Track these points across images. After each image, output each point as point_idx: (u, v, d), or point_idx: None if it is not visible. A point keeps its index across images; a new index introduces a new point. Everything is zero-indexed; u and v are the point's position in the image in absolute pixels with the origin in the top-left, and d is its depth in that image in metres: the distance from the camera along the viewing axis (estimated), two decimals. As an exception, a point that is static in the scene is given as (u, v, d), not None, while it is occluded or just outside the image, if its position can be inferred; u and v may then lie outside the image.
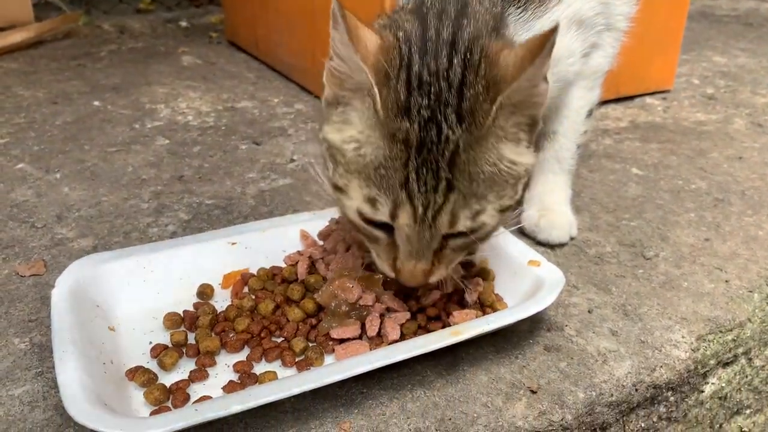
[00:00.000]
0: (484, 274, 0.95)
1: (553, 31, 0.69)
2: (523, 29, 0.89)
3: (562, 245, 1.13)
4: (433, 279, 0.82)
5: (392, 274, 0.82)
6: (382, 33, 0.79)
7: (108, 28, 2.64)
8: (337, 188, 0.80)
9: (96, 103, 1.79)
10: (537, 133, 0.81)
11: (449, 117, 0.73)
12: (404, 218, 0.76)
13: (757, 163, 1.48)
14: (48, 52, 2.28)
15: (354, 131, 0.77)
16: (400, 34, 0.78)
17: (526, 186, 0.82)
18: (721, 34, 2.72)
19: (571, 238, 1.15)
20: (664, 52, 1.88)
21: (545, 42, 0.69)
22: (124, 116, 1.70)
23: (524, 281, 0.92)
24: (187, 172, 1.39)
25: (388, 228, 0.79)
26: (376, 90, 0.74)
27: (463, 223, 0.76)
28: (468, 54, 0.76)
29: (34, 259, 1.06)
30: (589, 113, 1.15)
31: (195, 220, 1.19)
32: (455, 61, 0.76)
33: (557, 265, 0.94)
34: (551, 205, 1.16)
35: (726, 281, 1.04)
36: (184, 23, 2.76)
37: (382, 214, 0.76)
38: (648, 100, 1.91)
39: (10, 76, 2.00)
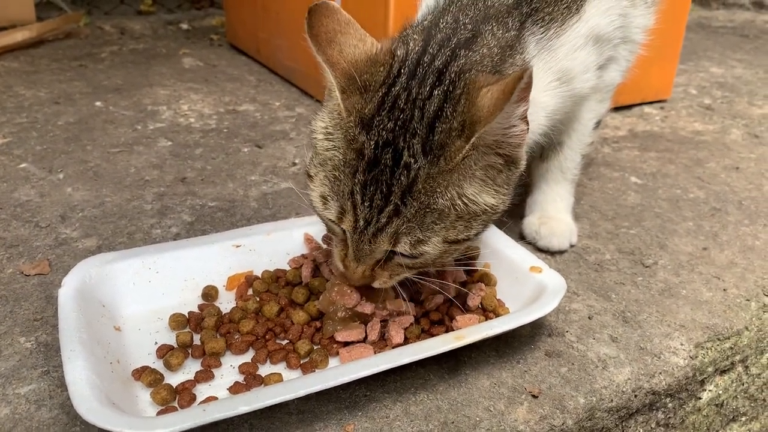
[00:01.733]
0: (487, 280, 0.96)
1: (524, 72, 0.68)
2: (544, 49, 0.90)
3: (562, 252, 1.15)
4: (376, 284, 0.84)
5: (341, 268, 0.84)
6: (384, 44, 0.80)
7: (109, 29, 2.64)
8: (308, 175, 0.82)
9: (98, 103, 1.79)
10: (516, 174, 0.81)
11: (413, 146, 0.74)
12: (347, 225, 0.78)
13: (753, 174, 1.50)
14: (49, 52, 2.28)
15: (324, 123, 0.80)
16: (400, 52, 0.80)
17: (487, 225, 0.82)
18: (718, 45, 2.75)
19: (571, 246, 1.16)
20: (663, 61, 1.90)
21: (514, 85, 0.68)
22: (126, 117, 1.70)
23: (526, 287, 0.93)
24: (189, 174, 1.39)
25: None
26: (338, 94, 0.76)
27: (403, 248, 0.77)
28: (451, 87, 0.76)
29: (39, 258, 1.06)
30: (597, 125, 1.15)
31: (198, 222, 1.19)
32: (436, 92, 0.76)
33: (557, 271, 0.95)
34: (552, 213, 1.17)
35: (724, 290, 1.06)
36: (185, 25, 2.77)
37: (331, 215, 0.79)
38: (646, 109, 1.93)
39: (12, 75, 2.00)
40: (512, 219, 1.22)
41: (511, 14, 0.87)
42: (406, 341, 0.85)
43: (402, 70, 0.78)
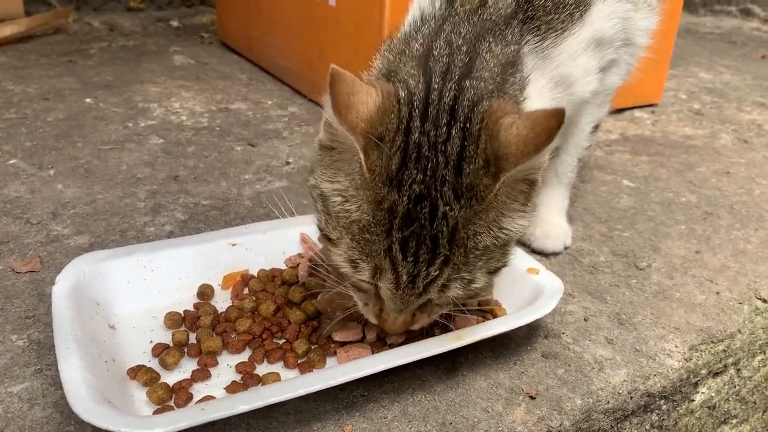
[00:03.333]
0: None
1: (560, 116, 0.67)
2: (543, 57, 0.87)
3: (556, 254, 1.15)
4: (416, 327, 0.81)
5: (376, 322, 0.80)
6: (384, 89, 0.73)
7: (98, 26, 2.62)
8: (328, 239, 0.77)
9: (88, 100, 1.77)
10: (537, 189, 0.78)
11: (446, 194, 0.70)
12: (386, 283, 0.74)
13: (743, 178, 1.51)
14: (38, 48, 2.26)
15: (342, 185, 0.75)
16: (402, 94, 0.74)
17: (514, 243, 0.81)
18: (706, 51, 2.77)
19: (566, 248, 1.16)
20: (654, 66, 1.91)
21: (548, 127, 0.67)
22: (117, 114, 1.69)
23: (523, 288, 0.93)
24: (182, 172, 1.38)
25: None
26: (362, 155, 0.70)
27: (456, 292, 0.75)
28: (467, 123, 0.72)
29: (30, 255, 1.05)
30: (595, 129, 1.15)
31: (192, 221, 1.18)
32: (454, 131, 0.72)
33: (552, 273, 0.95)
34: (547, 215, 1.18)
35: (717, 293, 1.07)
36: (175, 23, 2.76)
37: (364, 276, 0.75)
38: (637, 113, 1.94)
39: (0, 70, 1.98)
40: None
41: (509, 25, 0.84)
42: (405, 342, 0.85)
43: (412, 113, 0.73)
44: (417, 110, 0.73)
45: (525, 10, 0.87)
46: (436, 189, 0.70)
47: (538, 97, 0.87)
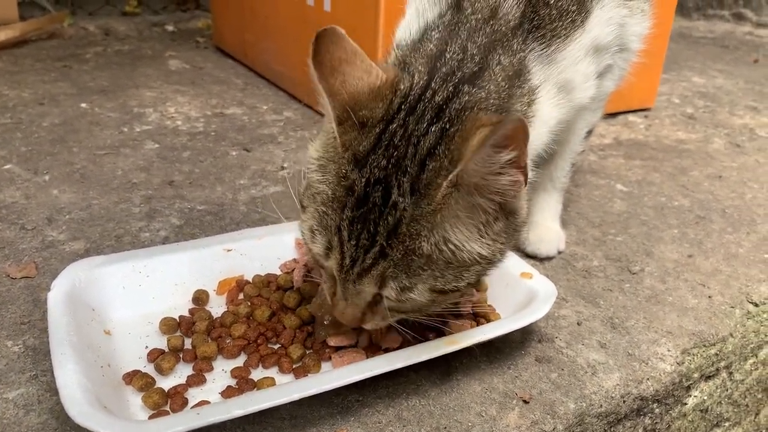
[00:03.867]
0: (478, 285, 0.97)
1: (507, 119, 0.64)
2: (545, 64, 0.87)
3: (549, 258, 1.16)
4: (367, 326, 0.80)
5: (331, 304, 0.81)
6: (390, 74, 0.76)
7: (93, 30, 2.62)
8: (302, 206, 0.79)
9: (83, 105, 1.78)
10: (516, 225, 0.76)
11: (403, 185, 0.70)
12: (332, 263, 0.75)
13: (736, 182, 1.52)
14: (32, 52, 2.26)
15: (321, 154, 0.76)
16: (403, 86, 0.75)
17: (481, 275, 0.77)
18: (699, 55, 2.79)
19: (559, 252, 1.17)
20: (647, 70, 1.92)
21: (495, 130, 0.64)
22: (112, 119, 1.69)
23: (517, 293, 0.94)
24: (177, 177, 1.38)
25: None
26: (335, 125, 0.72)
27: (389, 293, 0.73)
28: (448, 124, 0.72)
29: (25, 261, 1.05)
30: (588, 134, 1.15)
31: (187, 226, 1.19)
32: (433, 129, 0.72)
33: (546, 278, 0.96)
34: (541, 220, 1.19)
35: (709, 297, 1.07)
36: (170, 27, 2.76)
37: (318, 249, 0.75)
38: (630, 117, 1.95)
39: (-5, 75, 1.98)
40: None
41: (516, 35, 0.84)
42: (399, 347, 0.85)
43: (402, 106, 0.74)
44: (408, 104, 0.74)
45: (531, 20, 0.87)
46: (396, 177, 0.70)
47: (546, 103, 0.88)
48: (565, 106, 0.93)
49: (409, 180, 0.70)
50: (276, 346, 0.88)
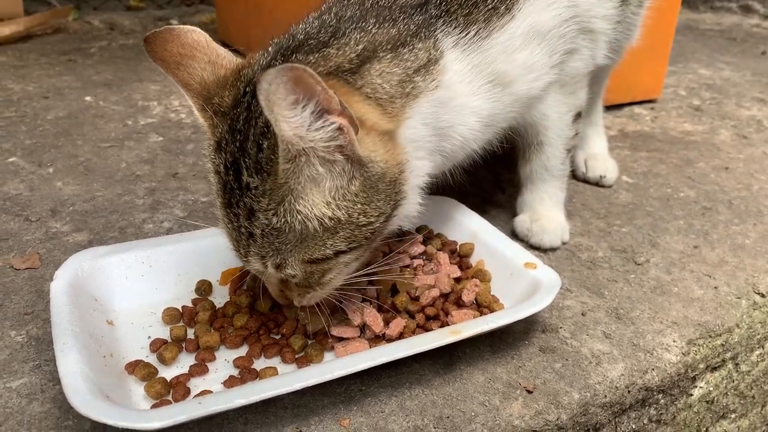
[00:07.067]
0: (482, 276, 0.96)
1: (288, 71, 0.62)
2: (468, 51, 0.86)
3: (554, 249, 1.15)
4: (296, 303, 0.82)
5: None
6: (235, 65, 0.80)
7: (98, 25, 2.63)
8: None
9: (88, 98, 1.78)
10: (375, 179, 0.75)
11: (250, 166, 0.72)
12: (231, 245, 0.79)
13: (742, 174, 1.51)
14: (37, 47, 2.26)
15: (205, 147, 0.80)
16: (244, 71, 0.77)
17: (358, 239, 0.77)
18: (706, 48, 2.77)
19: (563, 243, 1.16)
20: (653, 61, 1.91)
21: (291, 87, 0.63)
22: (117, 112, 1.69)
23: (521, 283, 0.93)
24: (181, 169, 1.38)
25: None
26: (197, 113, 0.76)
27: (271, 270, 0.77)
28: None
29: (29, 252, 1.05)
30: (577, 117, 1.11)
31: (190, 217, 1.19)
32: None
33: (550, 268, 0.95)
34: (542, 210, 1.17)
35: (715, 288, 1.07)
36: (174, 21, 2.76)
37: (226, 239, 0.80)
38: (636, 109, 1.94)
39: (0, 69, 1.98)
40: (505, 215, 1.23)
41: (411, 13, 0.84)
42: (401, 336, 0.85)
43: (247, 90, 0.74)
44: (252, 87, 0.74)
45: (437, 4, 0.86)
46: (243, 160, 0.73)
47: (465, 87, 0.87)
48: (502, 100, 0.92)
49: (252, 160, 0.72)
50: (277, 337, 0.87)
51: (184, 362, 0.82)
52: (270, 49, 0.81)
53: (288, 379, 0.73)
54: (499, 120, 0.96)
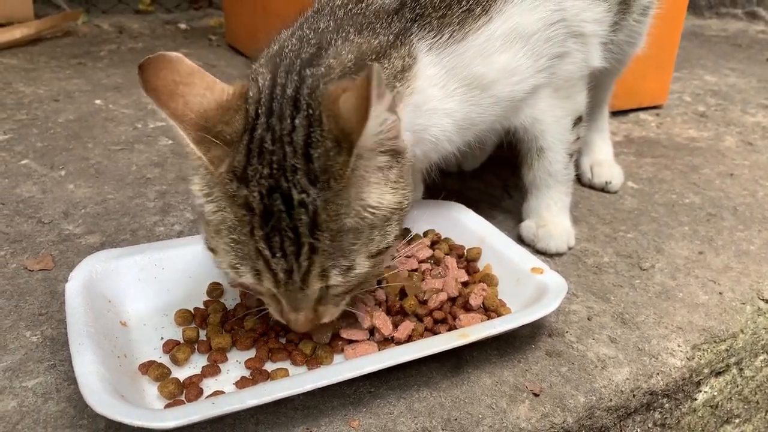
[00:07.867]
0: (488, 280, 0.97)
1: (371, 71, 0.65)
2: (442, 54, 0.87)
3: (560, 254, 1.16)
4: (325, 320, 0.82)
5: (285, 322, 0.82)
6: (236, 89, 0.76)
7: (107, 28, 2.65)
8: (210, 249, 0.79)
9: (98, 101, 1.80)
10: (406, 164, 0.79)
11: (299, 182, 0.71)
12: (267, 284, 0.76)
13: (747, 180, 1.52)
14: (47, 50, 2.28)
15: (199, 185, 0.76)
16: (252, 92, 0.76)
17: (401, 224, 0.80)
18: (711, 54, 2.78)
19: (569, 248, 1.17)
20: (659, 67, 1.92)
21: (369, 87, 0.65)
22: (127, 116, 1.71)
23: (527, 287, 0.94)
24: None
25: None
26: (192, 147, 0.72)
27: (336, 279, 0.75)
28: (309, 110, 0.73)
29: (42, 254, 1.07)
30: (577, 121, 1.11)
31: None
32: (298, 121, 0.72)
33: (556, 273, 0.96)
34: (548, 216, 1.18)
35: (720, 293, 1.08)
36: (183, 25, 2.78)
37: (248, 279, 0.76)
38: (642, 115, 1.95)
39: (11, 72, 2.00)
40: (512, 220, 1.24)
41: (387, 20, 0.85)
42: (410, 339, 0.86)
43: (259, 111, 0.74)
44: (263, 107, 0.74)
45: (413, 8, 0.87)
46: (287, 180, 0.71)
47: (438, 90, 0.88)
48: (481, 103, 0.92)
49: (303, 175, 0.71)
50: (283, 341, 0.88)
51: (197, 363, 0.84)
52: (263, 69, 0.79)
53: (299, 380, 0.74)
54: (477, 122, 0.96)
